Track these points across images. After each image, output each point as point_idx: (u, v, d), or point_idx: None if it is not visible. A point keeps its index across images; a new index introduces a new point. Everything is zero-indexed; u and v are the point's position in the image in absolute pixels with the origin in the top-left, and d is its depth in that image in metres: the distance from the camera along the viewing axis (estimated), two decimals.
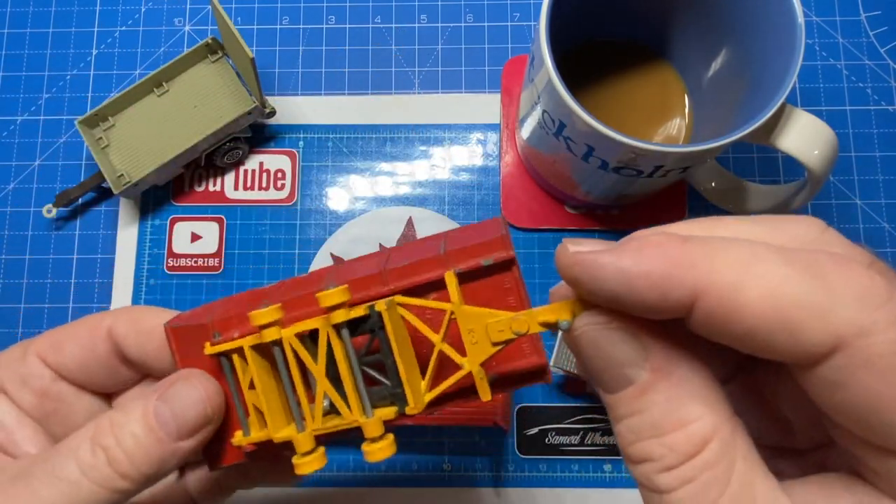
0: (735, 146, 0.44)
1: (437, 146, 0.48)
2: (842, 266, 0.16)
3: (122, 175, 0.44)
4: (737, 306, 0.16)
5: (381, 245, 0.46)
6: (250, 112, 0.44)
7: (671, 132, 0.44)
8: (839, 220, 0.46)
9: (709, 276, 0.16)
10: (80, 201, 0.47)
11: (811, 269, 0.16)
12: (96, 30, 0.50)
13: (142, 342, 0.26)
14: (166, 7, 0.50)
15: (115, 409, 0.24)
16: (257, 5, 0.50)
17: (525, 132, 0.43)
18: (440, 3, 0.50)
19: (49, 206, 0.46)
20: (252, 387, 0.23)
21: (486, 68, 0.49)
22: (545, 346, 0.45)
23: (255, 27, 0.50)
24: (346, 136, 0.48)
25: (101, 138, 0.45)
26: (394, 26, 0.50)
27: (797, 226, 0.18)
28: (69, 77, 0.49)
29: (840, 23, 0.49)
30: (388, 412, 0.21)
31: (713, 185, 0.44)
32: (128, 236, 0.47)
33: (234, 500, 0.31)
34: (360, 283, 0.22)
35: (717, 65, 0.41)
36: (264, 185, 0.47)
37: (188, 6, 0.50)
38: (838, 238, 0.18)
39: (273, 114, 0.46)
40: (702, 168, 0.44)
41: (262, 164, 0.48)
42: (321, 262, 0.46)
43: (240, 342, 0.22)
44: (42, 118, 0.49)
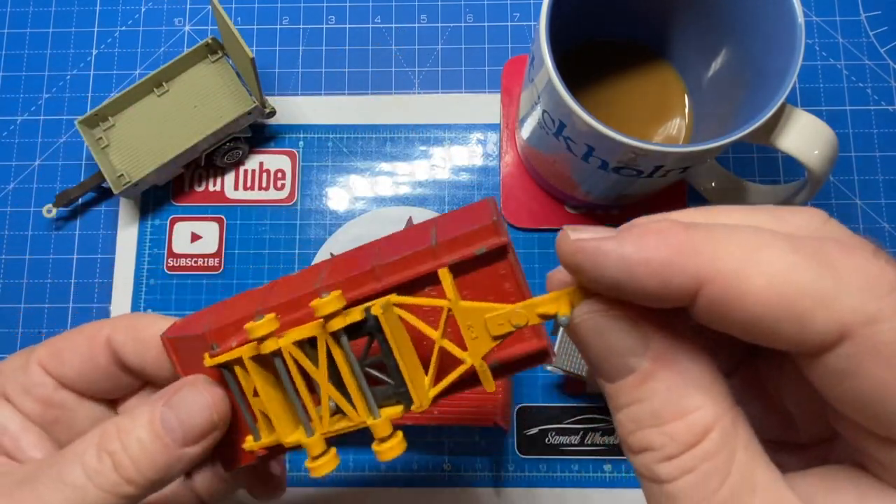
0: (735, 146, 0.44)
1: (437, 146, 0.48)
2: (848, 254, 0.16)
3: (122, 175, 0.44)
4: (741, 294, 0.15)
5: None
6: (250, 112, 0.44)
7: (671, 132, 0.44)
8: (839, 220, 0.46)
9: (713, 263, 0.16)
10: (80, 201, 0.47)
11: (817, 256, 0.16)
12: (96, 30, 0.50)
13: (140, 351, 0.26)
14: (166, 7, 0.50)
15: (121, 414, 0.24)
16: (257, 5, 0.50)
17: (525, 132, 0.43)
18: (440, 3, 0.50)
19: (49, 206, 0.46)
20: (256, 394, 0.23)
21: (486, 68, 0.49)
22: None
23: (255, 27, 0.50)
24: (346, 136, 0.48)
25: (101, 138, 0.45)
26: (394, 26, 0.50)
27: (800, 216, 0.18)
28: (69, 77, 0.49)
29: (840, 23, 0.49)
30: (395, 411, 0.21)
31: (713, 185, 0.44)
32: (128, 236, 0.47)
33: (235, 500, 0.31)
34: (354, 282, 0.22)
35: (717, 65, 0.41)
36: (264, 185, 0.47)
37: (188, 6, 0.50)
38: (841, 228, 0.18)
39: (273, 114, 0.46)
40: (702, 168, 0.44)
41: (262, 164, 0.48)
42: None
43: (238, 352, 0.22)
44: (42, 118, 0.49)
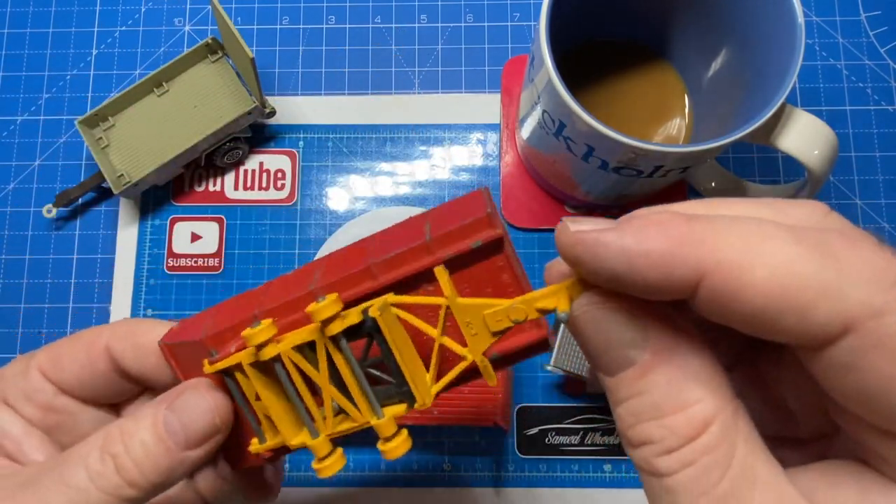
0: (735, 146, 0.44)
1: (437, 146, 0.48)
2: (852, 245, 0.16)
3: (122, 175, 0.44)
4: (743, 286, 0.15)
5: None
6: (250, 112, 0.44)
7: (671, 132, 0.44)
8: None
9: (714, 255, 0.15)
10: (80, 201, 0.47)
11: (820, 247, 0.15)
12: (96, 30, 0.50)
13: (140, 357, 0.26)
14: (166, 7, 0.50)
15: (124, 417, 0.24)
16: (257, 5, 0.50)
17: (525, 132, 0.43)
18: (440, 3, 0.50)
19: (49, 206, 0.46)
20: (259, 398, 0.23)
21: (486, 68, 0.49)
22: None
23: (255, 27, 0.50)
24: (346, 136, 0.48)
25: (101, 138, 0.45)
26: (394, 26, 0.50)
27: (801, 208, 0.18)
28: (69, 77, 0.49)
29: (840, 23, 0.49)
30: (399, 409, 0.21)
31: (713, 185, 0.44)
32: (128, 236, 0.47)
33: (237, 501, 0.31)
34: (349, 281, 0.22)
35: (717, 65, 0.41)
36: (264, 185, 0.47)
37: (188, 6, 0.50)
38: (843, 221, 0.18)
39: (273, 114, 0.46)
40: (702, 168, 0.44)
41: (262, 164, 0.48)
42: None
43: (237, 358, 0.22)
44: (42, 118, 0.49)
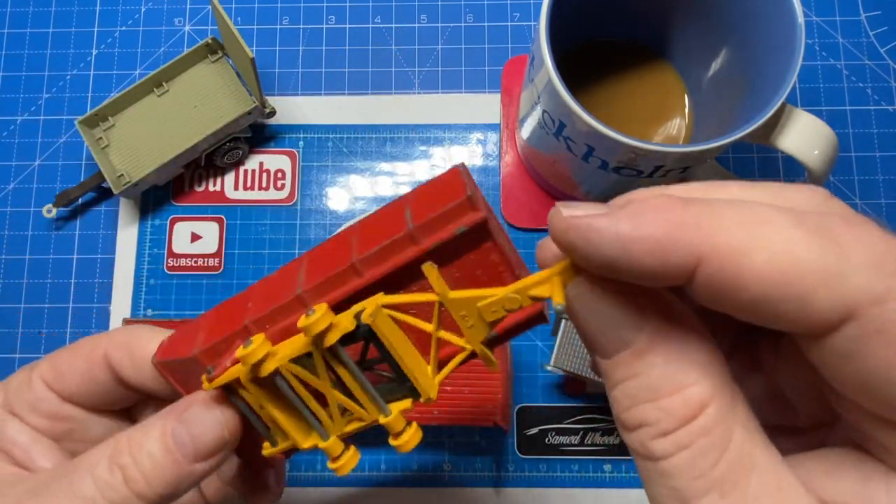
0: (735, 146, 0.44)
1: (437, 146, 0.48)
2: (854, 230, 0.15)
3: (122, 175, 0.44)
4: (742, 272, 0.15)
5: None
6: (250, 112, 0.44)
7: (671, 132, 0.44)
8: None
9: (711, 240, 0.15)
10: (80, 201, 0.47)
11: (821, 232, 0.15)
12: (96, 30, 0.50)
13: (138, 369, 0.26)
14: (166, 7, 0.50)
15: (132, 428, 0.24)
16: (257, 5, 0.50)
17: (525, 132, 0.43)
18: (440, 3, 0.50)
19: (49, 206, 0.46)
20: (262, 407, 0.23)
21: (486, 68, 0.49)
22: (546, 346, 0.45)
23: (255, 27, 0.50)
24: (346, 136, 0.48)
25: (101, 138, 0.45)
26: (394, 26, 0.50)
27: (801, 193, 0.17)
28: (69, 77, 0.49)
29: (840, 23, 0.49)
30: (405, 404, 0.21)
31: None
32: (128, 236, 0.47)
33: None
34: (335, 281, 0.21)
35: (717, 65, 0.41)
36: (264, 185, 0.47)
37: (188, 6, 0.50)
38: (843, 206, 0.17)
39: (273, 114, 0.46)
40: (702, 168, 0.44)
41: (262, 164, 0.48)
42: None
43: (235, 372, 0.22)
44: (42, 118, 0.49)
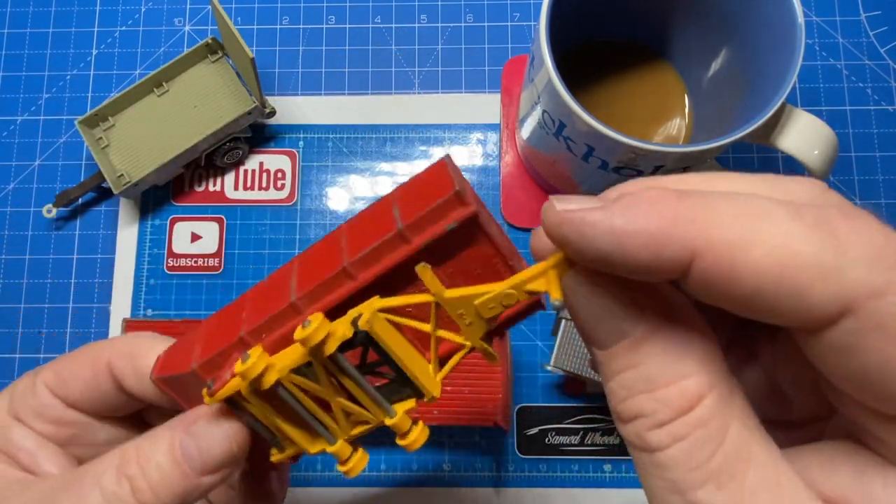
0: (735, 146, 0.44)
1: (437, 146, 0.48)
2: (852, 222, 0.15)
3: (122, 175, 0.44)
4: (738, 266, 0.14)
5: None
6: (250, 112, 0.44)
7: (671, 132, 0.44)
8: None
9: (707, 234, 0.15)
10: (80, 201, 0.47)
11: (819, 224, 0.15)
12: (96, 30, 0.50)
13: (140, 380, 0.26)
14: (166, 7, 0.50)
15: (140, 437, 0.24)
16: (257, 5, 0.50)
17: (525, 132, 0.43)
18: (440, 3, 0.50)
19: (49, 206, 0.46)
20: (267, 416, 0.23)
21: (486, 68, 0.49)
22: (546, 346, 0.45)
23: (255, 27, 0.50)
24: (346, 136, 0.48)
25: (101, 138, 0.45)
26: (394, 26, 0.50)
27: (799, 184, 0.17)
28: (69, 77, 0.49)
29: (840, 23, 0.49)
30: (409, 404, 0.22)
31: None
32: (128, 236, 0.47)
33: None
34: (329, 285, 0.21)
35: (717, 65, 0.41)
36: (264, 185, 0.47)
37: (188, 6, 0.50)
38: (841, 198, 0.17)
39: (273, 114, 0.46)
40: (702, 168, 0.44)
41: (262, 164, 0.48)
42: None
43: (236, 385, 0.22)
44: (42, 118, 0.49)
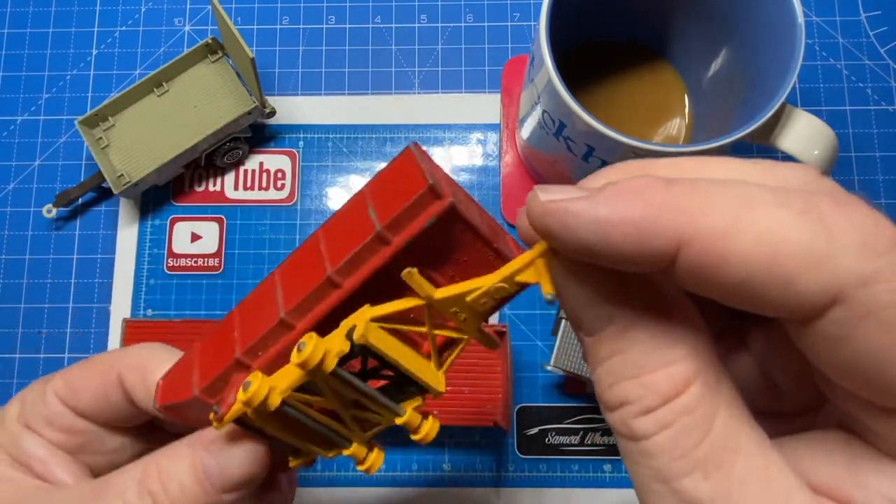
0: (735, 146, 0.44)
1: (437, 146, 0.48)
2: (842, 209, 0.14)
3: (122, 175, 0.44)
4: (725, 255, 0.14)
5: None
6: (250, 112, 0.44)
7: (671, 132, 0.44)
8: None
9: (694, 223, 0.14)
10: (80, 201, 0.47)
11: (808, 211, 0.14)
12: (96, 30, 0.50)
13: (150, 395, 0.26)
14: (166, 7, 0.50)
15: (159, 453, 0.24)
16: (257, 5, 0.50)
17: (525, 132, 0.43)
18: (440, 3, 0.50)
19: (49, 206, 0.46)
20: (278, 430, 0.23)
21: (486, 68, 0.49)
22: (546, 346, 0.45)
23: (255, 27, 0.50)
24: (346, 136, 0.48)
25: (101, 138, 0.45)
26: (394, 26, 0.50)
27: (791, 170, 0.17)
28: (69, 77, 0.49)
29: (840, 23, 0.49)
30: (416, 402, 0.22)
31: None
32: (128, 236, 0.47)
33: None
34: (315, 296, 0.21)
35: (717, 65, 0.41)
36: (264, 185, 0.47)
37: (188, 6, 0.50)
38: (833, 185, 0.17)
39: (273, 114, 0.46)
40: None
41: (262, 164, 0.48)
42: None
43: (241, 409, 0.22)
44: (42, 118, 0.49)
